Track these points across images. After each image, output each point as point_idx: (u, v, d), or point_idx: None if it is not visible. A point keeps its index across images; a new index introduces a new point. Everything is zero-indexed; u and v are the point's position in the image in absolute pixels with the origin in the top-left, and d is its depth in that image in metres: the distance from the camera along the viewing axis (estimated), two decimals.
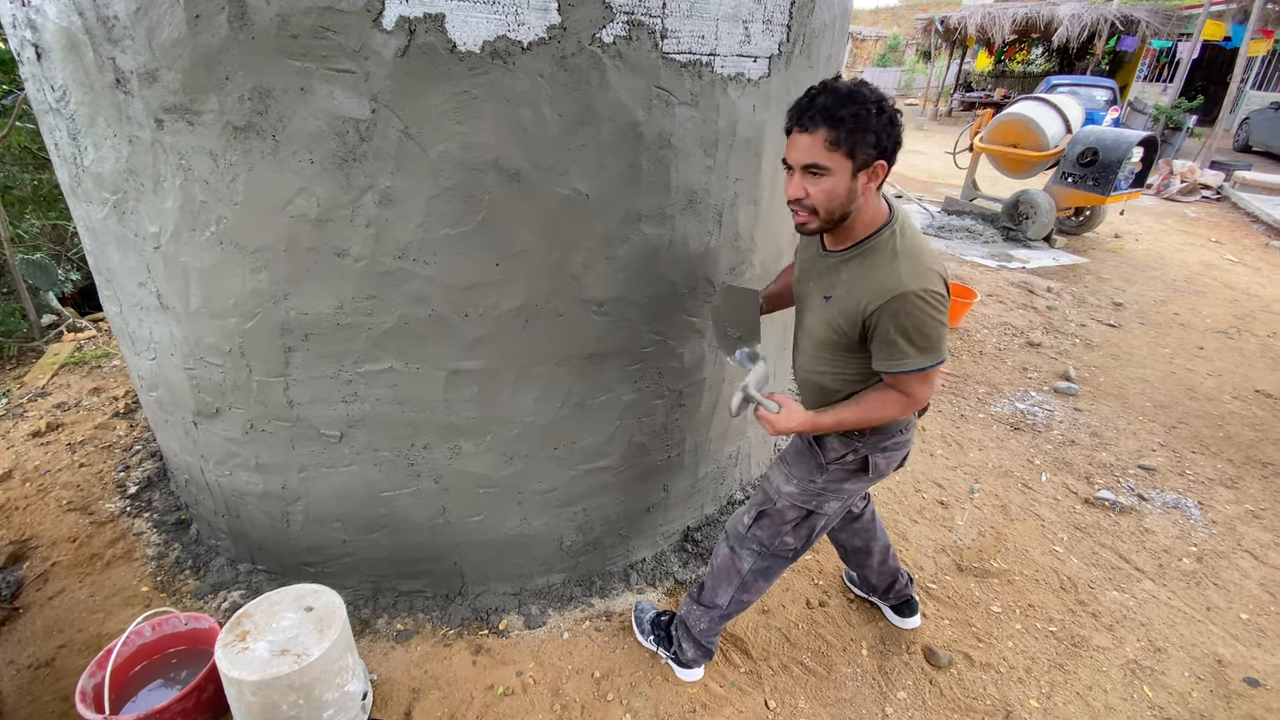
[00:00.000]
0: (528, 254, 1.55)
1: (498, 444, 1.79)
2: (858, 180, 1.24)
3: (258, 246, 1.50)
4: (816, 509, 1.58)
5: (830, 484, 1.55)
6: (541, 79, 1.36)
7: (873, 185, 1.27)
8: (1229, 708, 1.90)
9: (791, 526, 1.62)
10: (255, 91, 1.34)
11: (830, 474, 1.53)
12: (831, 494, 1.56)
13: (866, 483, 1.56)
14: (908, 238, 1.31)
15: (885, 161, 1.24)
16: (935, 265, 1.30)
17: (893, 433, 1.50)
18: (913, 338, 1.27)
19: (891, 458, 1.53)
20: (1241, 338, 4.70)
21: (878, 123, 1.19)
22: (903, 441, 1.53)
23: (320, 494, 1.87)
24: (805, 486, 1.56)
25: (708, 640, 1.80)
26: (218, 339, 1.67)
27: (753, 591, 1.72)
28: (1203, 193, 9.17)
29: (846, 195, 1.25)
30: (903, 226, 1.33)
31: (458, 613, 2.00)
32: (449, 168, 1.40)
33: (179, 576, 2.18)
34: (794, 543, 1.64)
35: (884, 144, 1.21)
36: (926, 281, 1.26)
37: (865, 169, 1.23)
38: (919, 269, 1.27)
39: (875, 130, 1.19)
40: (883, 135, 1.20)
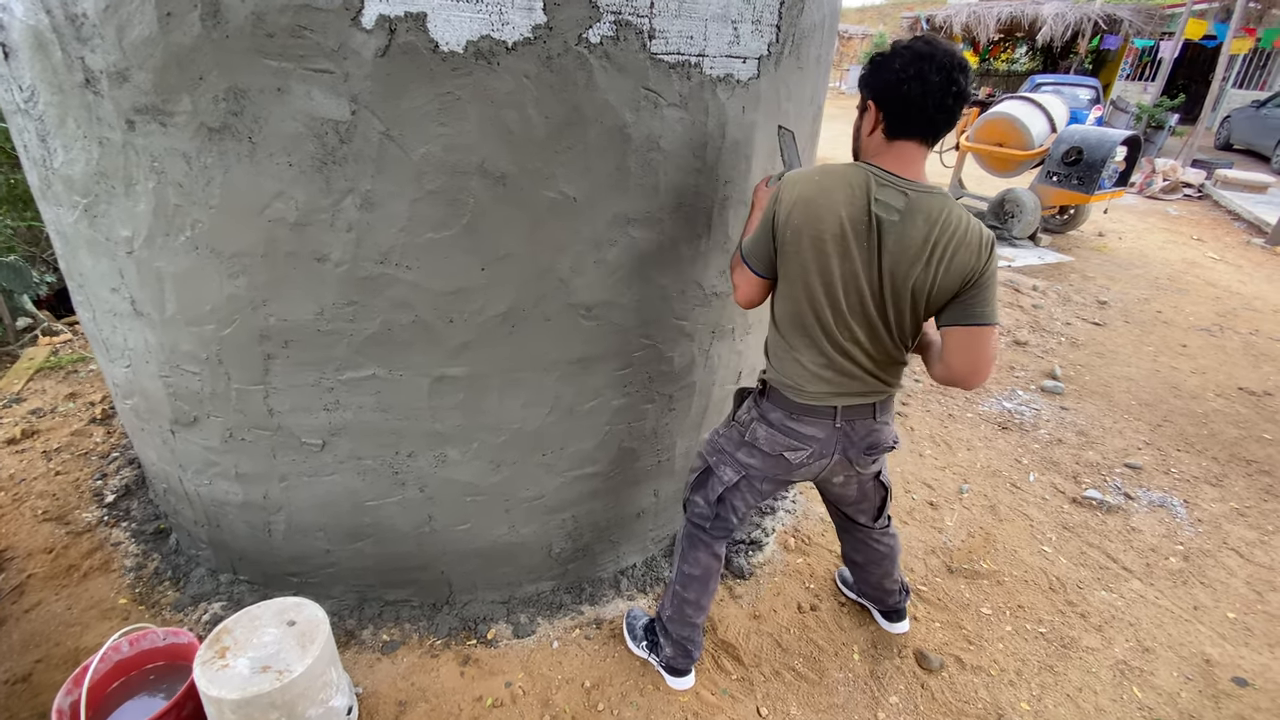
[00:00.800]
0: (514, 258, 1.51)
1: (484, 451, 1.76)
2: (862, 119, 1.37)
3: (235, 251, 1.46)
4: (714, 467, 1.64)
5: (726, 440, 1.63)
6: (527, 80, 1.33)
7: (869, 127, 1.34)
8: (1218, 708, 1.90)
9: (694, 477, 1.71)
10: (230, 92, 1.29)
11: (729, 430, 1.63)
12: (727, 454, 1.62)
13: (755, 460, 1.56)
14: (843, 167, 1.35)
15: (874, 102, 1.32)
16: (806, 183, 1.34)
17: (778, 407, 1.51)
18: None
19: (773, 438, 1.51)
20: (1224, 335, 4.75)
21: (874, 67, 1.31)
22: (792, 429, 1.49)
23: (302, 503, 1.83)
24: (713, 437, 1.69)
25: (679, 633, 1.76)
26: (194, 346, 1.62)
27: (690, 564, 1.72)
28: (1185, 191, 9.28)
29: (855, 132, 1.41)
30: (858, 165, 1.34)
31: (445, 622, 1.97)
32: (432, 170, 1.37)
33: (158, 588, 2.13)
34: (702, 506, 1.68)
35: (872, 87, 1.31)
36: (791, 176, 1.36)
37: (864, 110, 1.36)
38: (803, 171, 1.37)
39: (871, 73, 1.31)
40: (875, 78, 1.30)
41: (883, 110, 1.29)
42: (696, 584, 1.73)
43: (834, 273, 1.33)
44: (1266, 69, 14.56)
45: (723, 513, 1.67)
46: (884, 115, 1.29)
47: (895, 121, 1.29)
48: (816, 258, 1.32)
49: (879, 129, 1.32)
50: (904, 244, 1.29)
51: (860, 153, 1.41)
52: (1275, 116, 11.07)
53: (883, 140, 1.33)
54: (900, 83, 1.24)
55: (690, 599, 1.73)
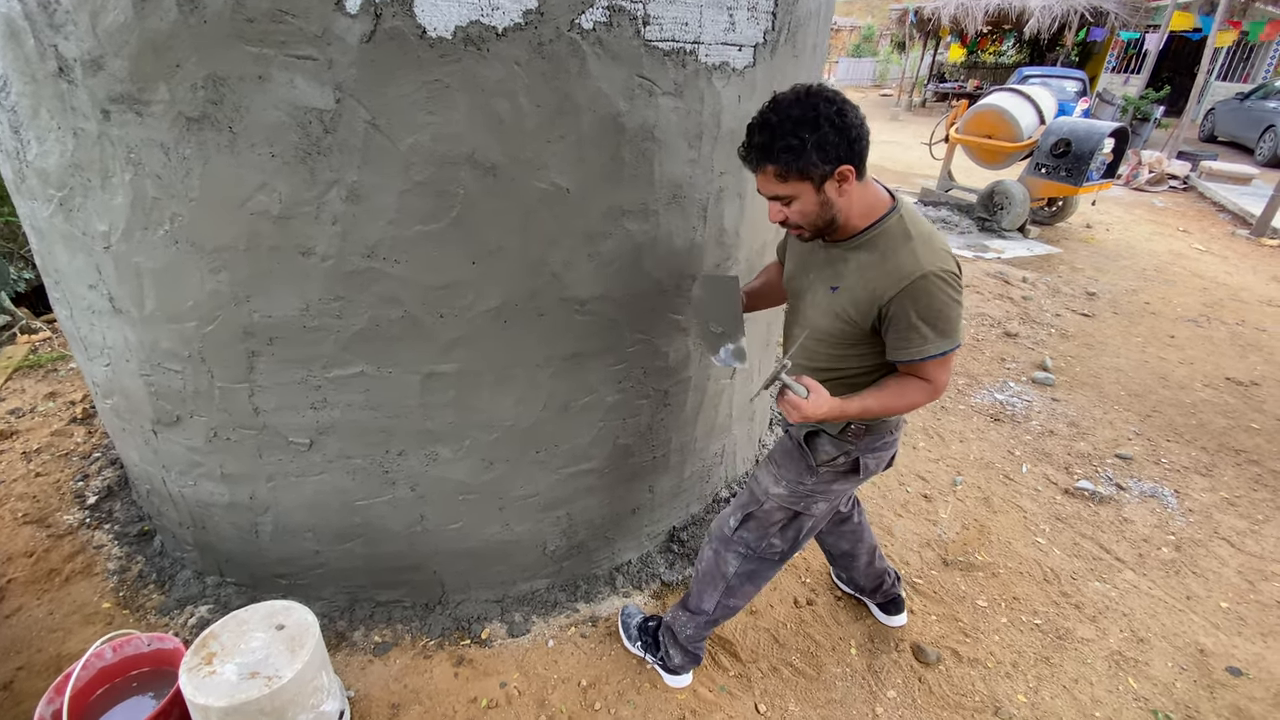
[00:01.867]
0: (505, 251, 1.48)
1: (477, 449, 1.73)
2: (825, 192, 1.23)
3: (216, 245, 1.41)
4: (805, 510, 1.55)
5: (819, 485, 1.51)
6: (518, 67, 1.29)
7: (847, 186, 1.24)
8: (1213, 698, 1.91)
9: (779, 528, 1.58)
10: (209, 80, 1.25)
11: (820, 476, 1.50)
12: (820, 495, 1.53)
13: (855, 483, 1.54)
14: (917, 222, 1.30)
15: (847, 164, 1.20)
16: (946, 246, 1.28)
17: (883, 433, 1.47)
18: (933, 321, 1.25)
19: (881, 458, 1.51)
20: (1211, 326, 4.79)
21: (820, 140, 1.16)
22: (892, 441, 1.51)
23: (290, 504, 1.79)
24: (794, 488, 1.53)
25: (694, 646, 1.76)
26: (176, 344, 1.57)
27: (739, 596, 1.68)
28: (1170, 183, 9.35)
29: (820, 208, 1.26)
30: (908, 211, 1.31)
31: (438, 622, 1.94)
32: (420, 161, 1.33)
33: (142, 591, 2.08)
34: (781, 545, 1.60)
35: (837, 153, 1.18)
36: (943, 262, 1.24)
37: (827, 180, 1.21)
38: (934, 250, 1.25)
39: (820, 147, 1.17)
40: (830, 147, 1.17)
41: (856, 163, 1.21)
42: (735, 611, 1.72)
43: None
44: (1250, 61, 14.69)
45: (801, 543, 1.63)
46: (859, 166, 1.23)
47: (864, 162, 1.25)
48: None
49: (852, 181, 1.23)
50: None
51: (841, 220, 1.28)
52: (1259, 109, 11.16)
53: (859, 186, 1.27)
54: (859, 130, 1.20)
55: (738, 605, 1.71)
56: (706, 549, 1.70)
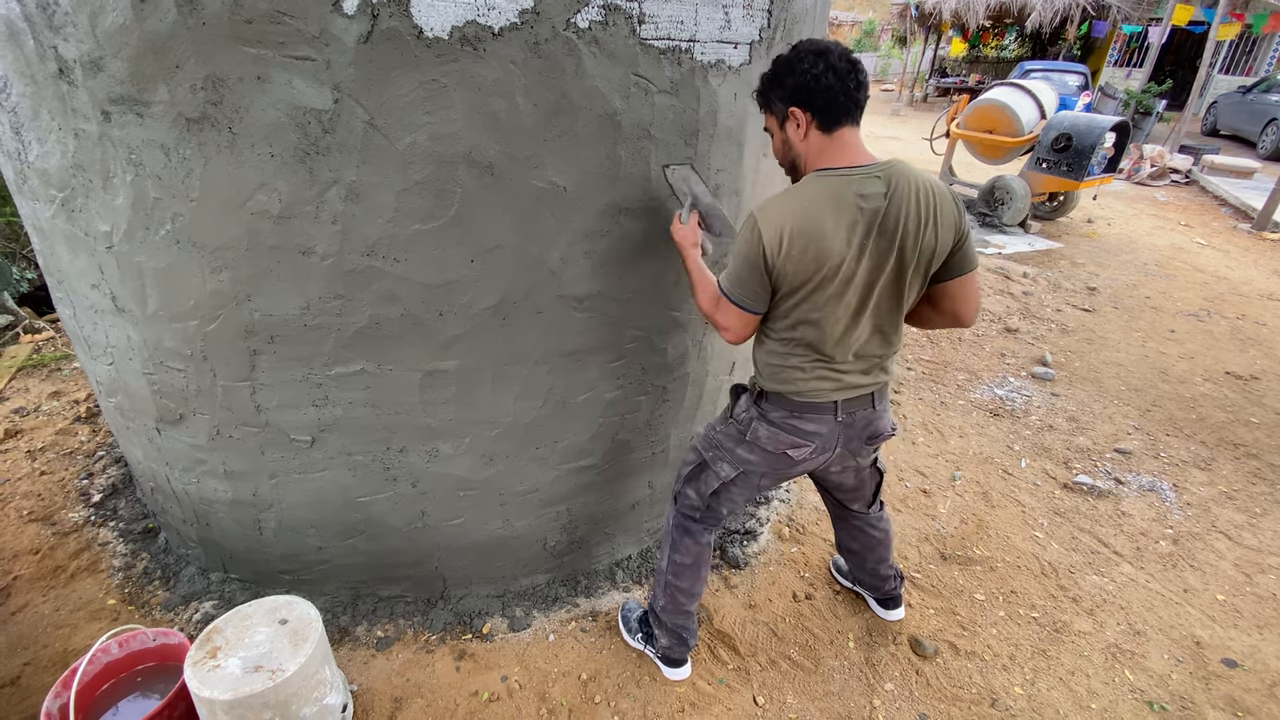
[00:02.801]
0: (503, 249, 1.49)
1: (477, 445, 1.74)
2: (786, 130, 1.36)
3: (217, 245, 1.43)
4: (709, 463, 1.62)
5: (724, 438, 1.59)
6: (514, 66, 1.30)
7: (801, 132, 1.33)
8: (1208, 689, 1.93)
9: (688, 471, 1.68)
10: (208, 81, 1.26)
11: (726, 426, 1.59)
12: (725, 451, 1.59)
13: (755, 456, 1.54)
14: (811, 182, 1.31)
15: (799, 108, 1.30)
16: (788, 215, 1.27)
17: (779, 404, 1.48)
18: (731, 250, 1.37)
19: (776, 435, 1.49)
20: (1211, 320, 4.79)
21: (773, 81, 1.32)
22: (795, 427, 1.47)
23: (293, 500, 1.80)
24: (708, 432, 1.65)
25: (674, 622, 1.76)
26: (178, 343, 1.59)
27: (682, 553, 1.70)
28: (1172, 177, 9.33)
29: (783, 147, 1.40)
30: (821, 176, 1.30)
31: (440, 617, 1.96)
32: (418, 160, 1.34)
33: (148, 588, 2.10)
34: (694, 499, 1.67)
35: (790, 95, 1.30)
36: (764, 216, 1.29)
37: (786, 120, 1.34)
38: (780, 200, 1.31)
39: (774, 87, 1.32)
40: (785, 88, 1.30)
41: (810, 108, 1.29)
42: (689, 571, 1.72)
43: (847, 285, 1.32)
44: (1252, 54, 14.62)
45: (715, 505, 1.67)
46: (813, 112, 1.29)
47: (828, 112, 1.28)
48: (824, 280, 1.31)
49: (812, 128, 1.31)
50: (907, 219, 1.29)
51: (801, 165, 1.37)
52: (1261, 102, 11.12)
53: (822, 136, 1.31)
54: (816, 77, 1.26)
55: (683, 587, 1.73)
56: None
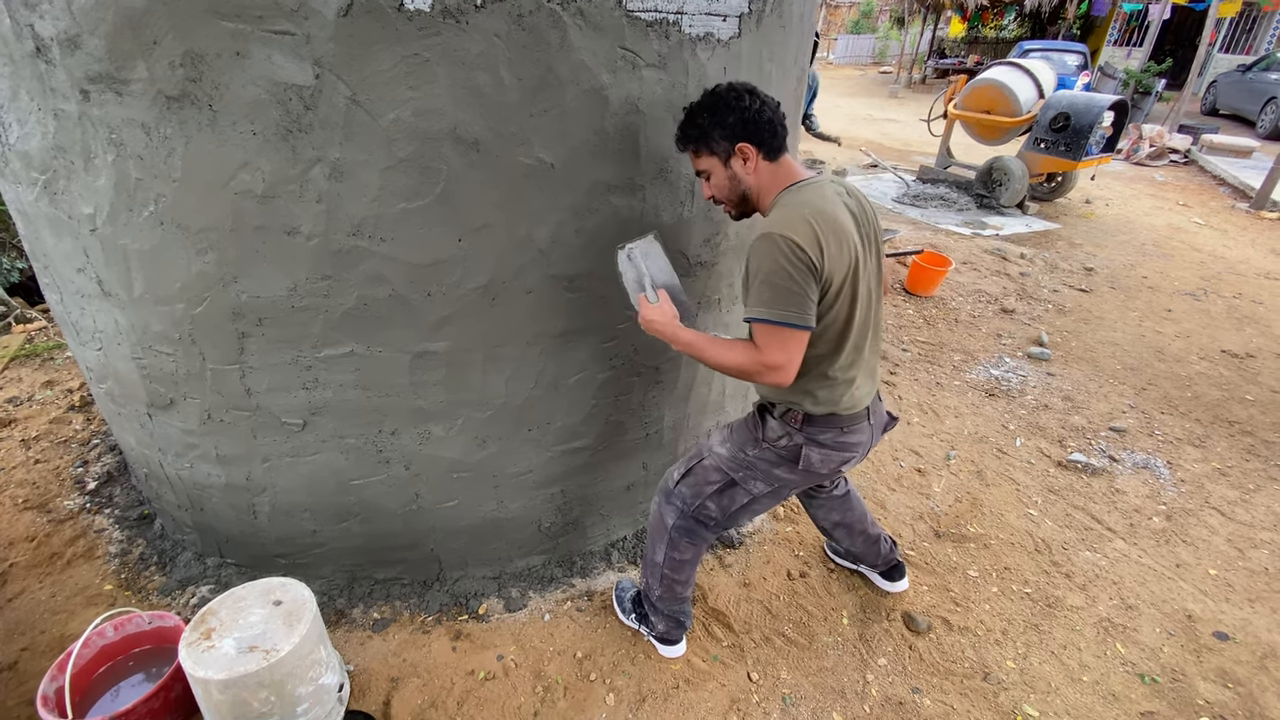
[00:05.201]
0: (491, 228, 1.48)
1: (469, 427, 1.74)
2: (732, 167, 1.37)
3: (202, 226, 1.41)
4: (740, 481, 1.56)
5: (760, 461, 1.53)
6: (498, 39, 1.28)
7: (751, 165, 1.36)
8: (1199, 662, 1.94)
9: (714, 490, 1.59)
10: (187, 57, 1.24)
11: (762, 451, 1.53)
12: (760, 474, 1.54)
13: (797, 476, 1.53)
14: (805, 192, 1.34)
15: (746, 142, 1.33)
16: (812, 218, 1.26)
17: (829, 427, 1.47)
18: (759, 282, 1.27)
19: (828, 456, 1.48)
20: (1208, 299, 4.79)
21: (713, 120, 1.32)
22: (845, 443, 1.49)
23: (286, 484, 1.80)
24: (735, 454, 1.56)
25: (670, 609, 1.77)
26: (166, 326, 1.58)
27: (681, 550, 1.68)
28: (1171, 157, 9.28)
29: (730, 183, 1.39)
30: (810, 184, 1.36)
31: (436, 599, 1.97)
32: (403, 137, 1.32)
33: (144, 573, 2.11)
34: (714, 511, 1.63)
35: (734, 131, 1.32)
36: (785, 229, 1.25)
37: (731, 156, 1.36)
38: (787, 216, 1.28)
39: (715, 126, 1.33)
40: (727, 126, 1.32)
41: (755, 142, 1.34)
42: (687, 566, 1.73)
43: (863, 285, 1.39)
44: (1253, 33, 14.48)
45: (738, 516, 1.65)
46: (759, 145, 1.34)
47: (771, 143, 1.35)
48: (853, 275, 1.35)
49: (759, 160, 1.36)
50: (871, 214, 1.42)
51: (753, 195, 1.40)
52: (1261, 81, 11.03)
53: (770, 166, 1.38)
54: (757, 112, 1.32)
55: (681, 579, 1.74)
56: (654, 501, 1.74)
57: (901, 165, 8.21)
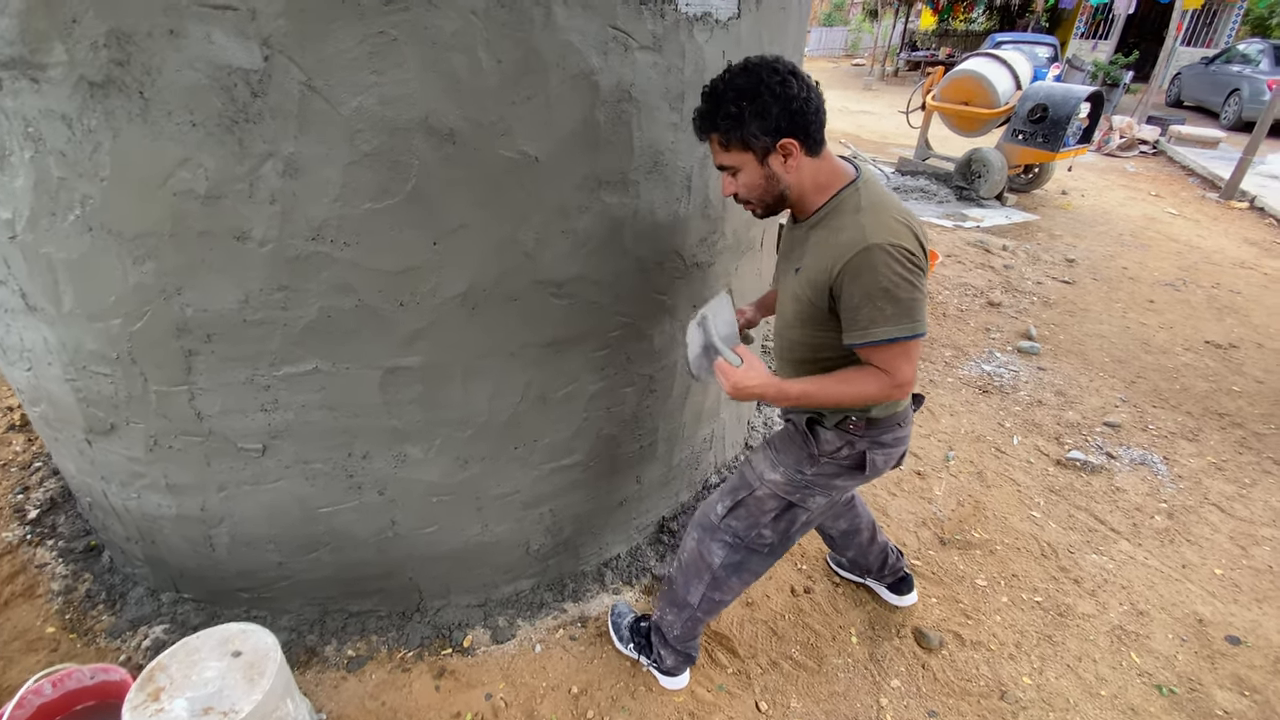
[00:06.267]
0: (470, 229, 1.33)
1: (450, 447, 1.59)
2: (770, 165, 1.19)
3: (137, 232, 1.24)
4: (799, 502, 1.44)
5: (820, 477, 1.41)
6: (474, 17, 1.13)
7: (793, 162, 1.19)
8: (1214, 668, 1.88)
9: (771, 518, 1.47)
10: (112, 36, 1.07)
11: (822, 467, 1.39)
12: (819, 489, 1.42)
13: (860, 480, 1.43)
14: (873, 193, 1.20)
15: (791, 138, 1.16)
16: (905, 220, 1.17)
17: (890, 426, 1.36)
18: (879, 300, 1.13)
19: (890, 454, 1.40)
20: (1188, 289, 4.81)
21: (759, 109, 1.13)
22: (902, 437, 1.40)
23: (247, 514, 1.63)
24: (792, 476, 1.42)
25: (685, 646, 1.65)
26: (101, 344, 1.40)
27: (725, 590, 1.56)
28: (1140, 148, 9.40)
29: (765, 182, 1.22)
30: (867, 182, 1.23)
31: (416, 631, 1.81)
32: (367, 128, 1.17)
33: (91, 613, 1.92)
34: (771, 536, 1.49)
35: (778, 124, 1.14)
36: (893, 236, 1.13)
37: (770, 153, 1.18)
38: (883, 223, 1.15)
39: (760, 116, 1.13)
40: (770, 118, 1.13)
41: (801, 137, 1.17)
42: (723, 607, 1.61)
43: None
44: (1213, 26, 14.81)
45: (798, 535, 1.54)
46: (805, 140, 1.17)
47: (816, 136, 1.19)
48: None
49: (802, 157, 1.19)
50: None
51: (792, 195, 1.24)
52: (1224, 73, 11.26)
53: (812, 160, 1.21)
54: (806, 100, 1.15)
55: (711, 618, 1.62)
56: (689, 538, 1.58)
57: (880, 158, 8.17)
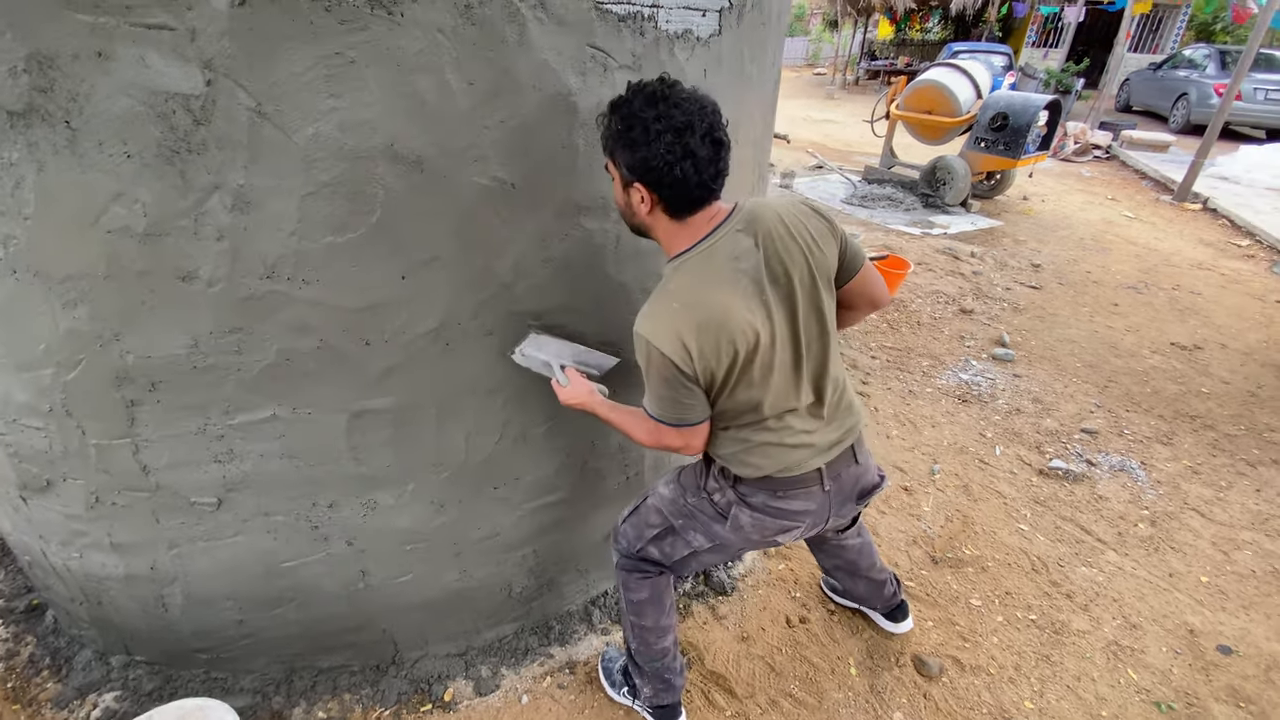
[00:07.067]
0: (442, 261, 1.23)
1: (424, 491, 1.48)
2: (629, 195, 1.14)
3: (67, 274, 1.11)
4: (679, 531, 1.43)
5: (697, 510, 1.40)
6: (441, 35, 1.04)
7: (645, 207, 1.13)
8: (1209, 681, 1.87)
9: (654, 534, 1.47)
10: (32, 61, 0.95)
11: (700, 501, 1.40)
12: (697, 524, 1.40)
13: (732, 535, 1.36)
14: (679, 270, 1.16)
15: (643, 185, 1.09)
16: (677, 321, 1.10)
17: (760, 490, 1.30)
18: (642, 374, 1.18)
19: (760, 522, 1.32)
20: (1150, 292, 4.92)
21: (621, 135, 1.07)
22: (781, 509, 1.31)
23: (201, 571, 1.50)
24: (676, 497, 1.44)
25: (651, 665, 1.56)
26: (31, 396, 1.26)
27: (635, 590, 1.51)
28: (1094, 152, 9.70)
29: (625, 207, 1.19)
30: (687, 260, 1.15)
31: (393, 686, 1.69)
32: (326, 156, 1.07)
33: (35, 679, 1.75)
34: (658, 556, 1.47)
35: (632, 168, 1.08)
36: (655, 336, 1.11)
37: (629, 186, 1.12)
38: (654, 314, 1.13)
39: (619, 145, 1.08)
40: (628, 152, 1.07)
41: (657, 194, 1.10)
42: (649, 606, 1.52)
43: (773, 348, 1.18)
44: (1159, 32, 15.43)
45: (681, 567, 1.50)
46: (661, 199, 1.11)
47: (679, 203, 1.12)
48: (749, 359, 1.15)
49: (658, 211, 1.14)
50: (789, 254, 1.16)
51: (647, 230, 1.21)
52: (1171, 78, 11.70)
53: (670, 222, 1.16)
54: (669, 166, 1.05)
55: (649, 625, 1.53)
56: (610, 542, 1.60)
57: (846, 166, 8.26)
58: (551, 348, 1.41)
